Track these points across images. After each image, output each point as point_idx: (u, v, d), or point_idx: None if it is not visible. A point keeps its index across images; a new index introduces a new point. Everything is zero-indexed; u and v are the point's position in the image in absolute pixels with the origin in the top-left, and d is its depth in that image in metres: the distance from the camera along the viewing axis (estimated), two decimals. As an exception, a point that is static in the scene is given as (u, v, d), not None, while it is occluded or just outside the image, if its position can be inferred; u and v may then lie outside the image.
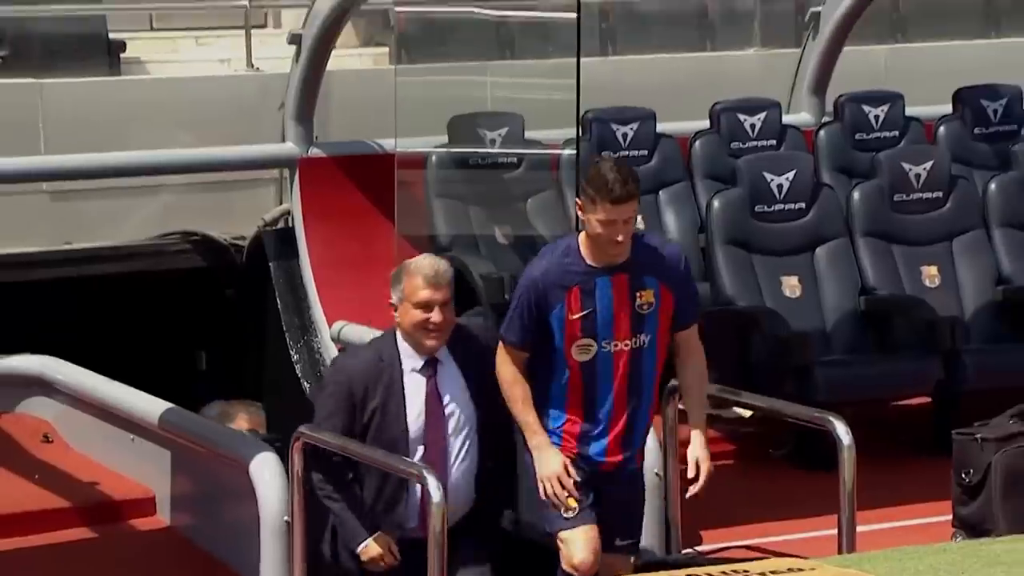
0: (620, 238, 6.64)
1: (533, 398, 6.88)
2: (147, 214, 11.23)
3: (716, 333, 7.85)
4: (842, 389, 8.31)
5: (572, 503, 6.83)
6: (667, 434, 7.53)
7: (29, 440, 8.72)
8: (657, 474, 7.49)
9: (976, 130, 10.39)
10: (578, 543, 6.77)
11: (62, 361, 8.84)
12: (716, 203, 9.07)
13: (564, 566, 6.82)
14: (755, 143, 10.32)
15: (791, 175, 9.03)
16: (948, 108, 10.65)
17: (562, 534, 6.80)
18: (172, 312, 10.83)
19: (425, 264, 7.01)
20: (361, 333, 9.09)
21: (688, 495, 6.95)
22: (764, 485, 8.46)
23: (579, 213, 6.70)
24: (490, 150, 10.07)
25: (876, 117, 10.33)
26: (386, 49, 12.63)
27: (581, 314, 6.73)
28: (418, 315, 6.90)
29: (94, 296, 10.68)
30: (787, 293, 8.66)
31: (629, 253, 6.73)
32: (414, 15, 10.95)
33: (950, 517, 7.63)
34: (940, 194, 9.03)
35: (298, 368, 10.08)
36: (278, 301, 10.24)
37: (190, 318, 10.91)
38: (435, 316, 6.90)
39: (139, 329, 10.61)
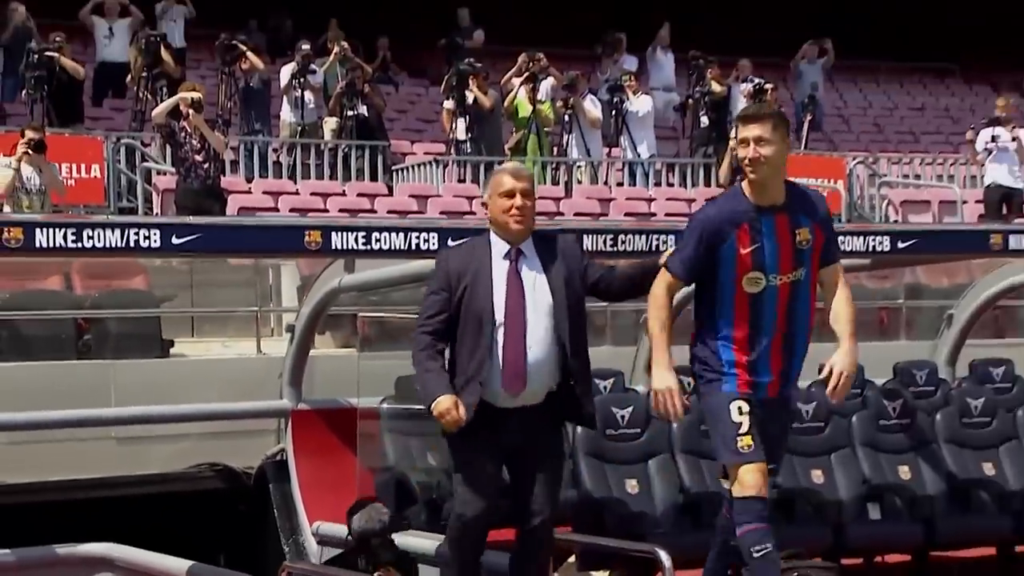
0: (749, 157, 5.82)
1: (704, 329, 5.99)
2: (184, 452, 11.17)
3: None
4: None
5: (748, 441, 5.88)
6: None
7: (96, 604, 8.54)
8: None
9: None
10: (752, 478, 5.83)
11: (121, 545, 8.72)
12: (580, 430, 8.58)
13: (736, 494, 5.91)
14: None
15: (629, 410, 8.70)
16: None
17: (738, 468, 5.85)
18: (200, 522, 10.66)
19: (508, 164, 6.44)
20: (333, 529, 8.94)
21: (833, 399, 5.94)
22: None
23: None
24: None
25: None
26: (355, 348, 12.72)
27: (751, 248, 5.90)
28: (505, 202, 6.18)
29: (143, 509, 10.53)
30: (629, 490, 8.46)
31: (785, 196, 5.96)
32: (373, 320, 11.12)
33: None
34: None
35: (288, 558, 9.88)
36: (275, 512, 10.13)
37: (213, 527, 10.73)
38: (518, 201, 6.16)
39: (175, 535, 10.37)
